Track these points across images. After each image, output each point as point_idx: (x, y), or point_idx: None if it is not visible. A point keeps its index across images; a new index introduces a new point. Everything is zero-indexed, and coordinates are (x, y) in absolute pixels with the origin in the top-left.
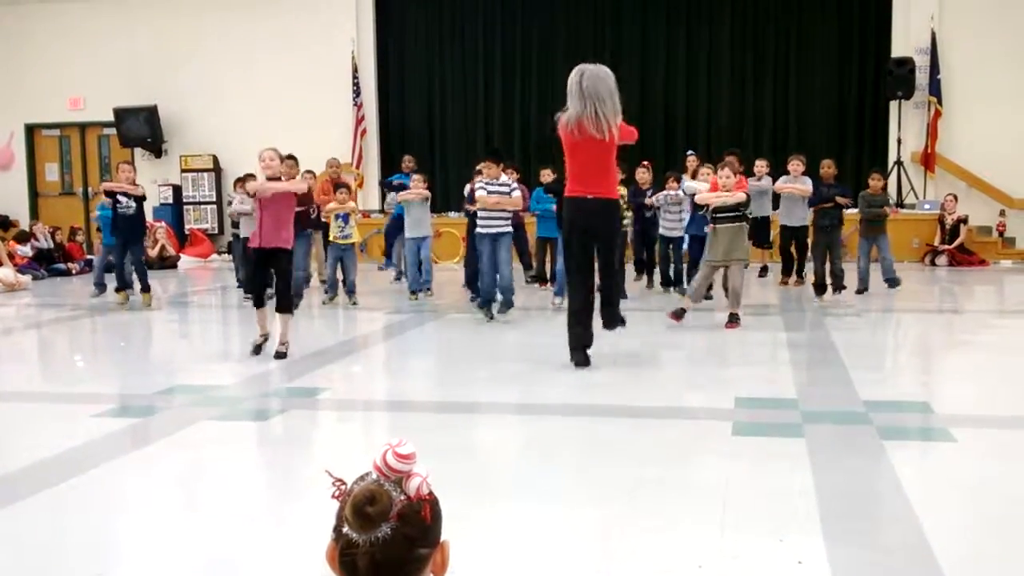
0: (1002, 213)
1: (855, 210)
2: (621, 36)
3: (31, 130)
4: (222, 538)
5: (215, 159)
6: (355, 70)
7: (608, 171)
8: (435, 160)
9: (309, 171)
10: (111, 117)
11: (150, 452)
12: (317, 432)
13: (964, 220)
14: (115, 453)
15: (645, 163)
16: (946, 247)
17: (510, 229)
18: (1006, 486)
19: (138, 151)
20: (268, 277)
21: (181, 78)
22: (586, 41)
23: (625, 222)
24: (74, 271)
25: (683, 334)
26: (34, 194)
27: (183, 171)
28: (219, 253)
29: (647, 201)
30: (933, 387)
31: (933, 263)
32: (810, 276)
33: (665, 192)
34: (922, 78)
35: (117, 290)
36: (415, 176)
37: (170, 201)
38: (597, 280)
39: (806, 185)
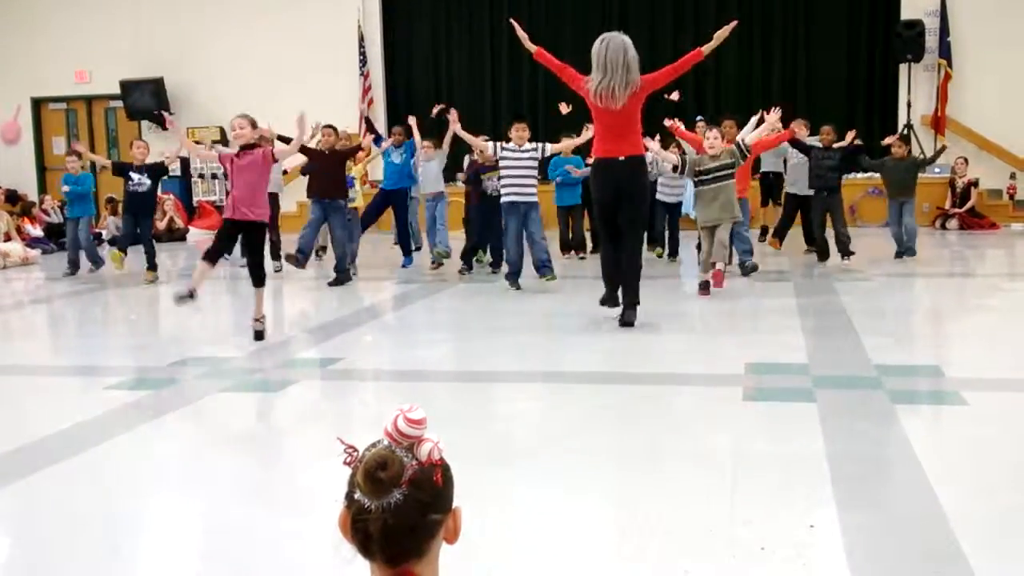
0: (1013, 176)
1: (864, 175)
2: (629, 1)
3: (37, 104)
4: (235, 510)
5: (222, 131)
6: (361, 39)
7: (632, 131)
8: (443, 129)
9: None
10: (118, 90)
11: (164, 424)
12: (331, 402)
13: (975, 183)
14: (129, 425)
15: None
16: (957, 211)
17: (536, 199)
18: (1018, 450)
19: (145, 124)
20: (232, 247)
21: (187, 50)
22: (595, 7)
23: None
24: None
25: (692, 301)
26: (41, 168)
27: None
28: None
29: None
30: (944, 351)
31: (944, 227)
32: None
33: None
34: (932, 41)
35: (120, 250)
36: (424, 142)
37: (178, 173)
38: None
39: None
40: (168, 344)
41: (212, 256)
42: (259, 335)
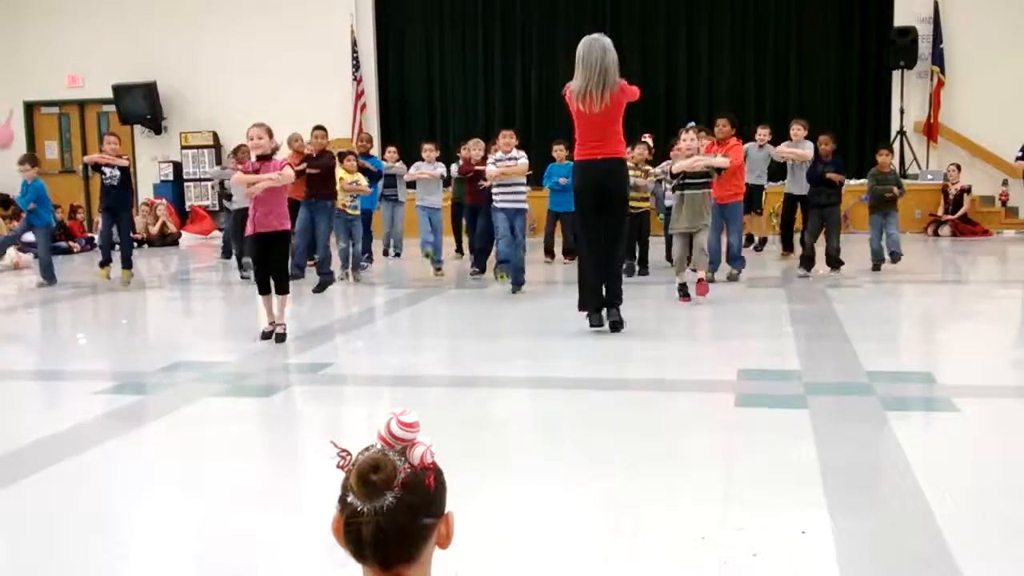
0: (1005, 183)
1: (858, 181)
2: (620, 5)
3: (30, 108)
4: (227, 515)
5: (215, 135)
6: (354, 44)
7: (614, 134)
8: (435, 135)
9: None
10: (110, 94)
11: (154, 429)
12: (321, 407)
13: (967, 190)
14: (119, 430)
15: (647, 137)
16: (949, 217)
17: (526, 206)
18: (1009, 456)
19: (138, 128)
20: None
21: (180, 54)
22: (586, 11)
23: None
24: (75, 249)
25: (685, 307)
26: None
27: (183, 148)
28: (220, 229)
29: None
30: (936, 358)
31: (936, 233)
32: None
33: (662, 166)
34: (925, 47)
35: (101, 265)
36: (427, 145)
37: (170, 178)
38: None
39: (807, 150)
40: (158, 349)
41: (262, 286)
42: (280, 337)
